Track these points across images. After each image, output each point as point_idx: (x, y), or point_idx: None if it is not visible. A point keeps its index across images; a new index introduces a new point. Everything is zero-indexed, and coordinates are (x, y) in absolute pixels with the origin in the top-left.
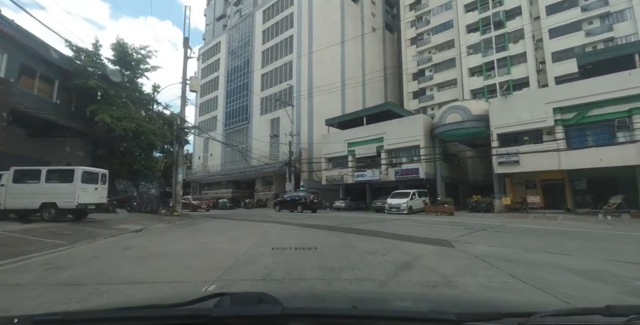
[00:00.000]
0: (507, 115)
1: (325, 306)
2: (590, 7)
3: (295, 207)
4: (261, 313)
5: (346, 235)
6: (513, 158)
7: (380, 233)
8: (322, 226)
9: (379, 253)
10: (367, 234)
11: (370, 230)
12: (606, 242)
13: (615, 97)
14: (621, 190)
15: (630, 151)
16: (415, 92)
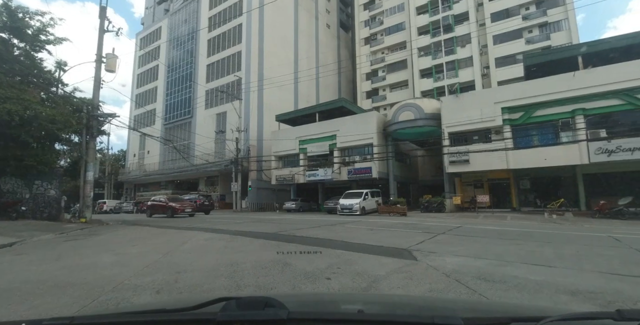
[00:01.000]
0: (458, 114)
1: (330, 311)
2: (530, 16)
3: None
4: (267, 317)
5: (285, 247)
6: (464, 157)
7: (328, 242)
8: (260, 234)
9: (322, 276)
10: (312, 243)
11: (317, 239)
12: (579, 246)
13: (560, 98)
14: (563, 189)
15: (573, 151)
16: (368, 92)
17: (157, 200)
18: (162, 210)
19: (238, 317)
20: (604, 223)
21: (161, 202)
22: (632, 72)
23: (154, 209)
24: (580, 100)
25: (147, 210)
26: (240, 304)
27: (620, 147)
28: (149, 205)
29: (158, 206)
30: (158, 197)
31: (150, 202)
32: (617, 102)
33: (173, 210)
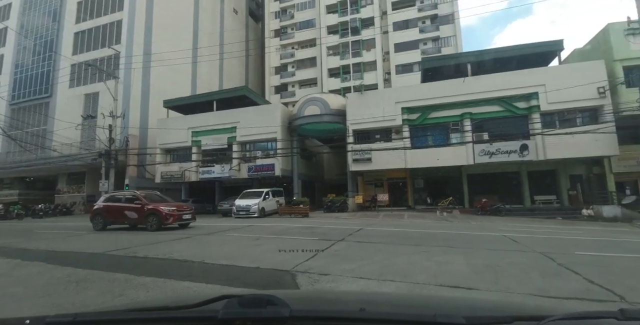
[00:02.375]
0: (363, 111)
1: (333, 308)
2: (426, 29)
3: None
4: (269, 315)
5: (76, 276)
6: (366, 155)
7: (177, 266)
8: (75, 257)
9: None
10: (154, 272)
11: (165, 260)
12: (486, 252)
13: (451, 102)
14: (451, 188)
15: (461, 152)
16: (277, 86)
17: (118, 198)
18: (128, 218)
19: (240, 315)
20: (486, 219)
21: (130, 204)
22: (509, 82)
23: (112, 214)
24: (468, 104)
25: (96, 216)
26: (243, 301)
27: (500, 150)
28: (103, 207)
29: (121, 210)
30: (119, 193)
31: (105, 201)
32: (497, 108)
33: (161, 217)
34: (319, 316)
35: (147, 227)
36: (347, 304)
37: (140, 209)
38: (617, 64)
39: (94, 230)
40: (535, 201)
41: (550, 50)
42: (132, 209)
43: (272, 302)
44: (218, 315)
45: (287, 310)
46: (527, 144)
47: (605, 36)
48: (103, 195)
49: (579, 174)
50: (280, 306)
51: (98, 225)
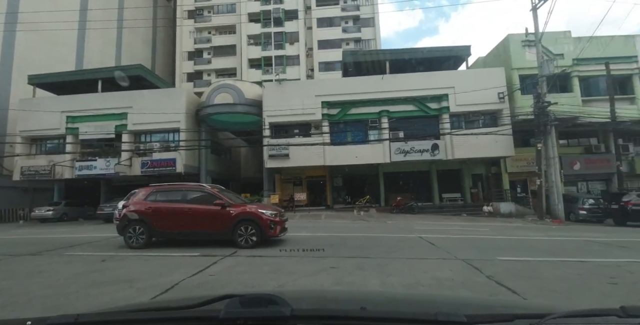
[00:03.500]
0: (281, 103)
1: (334, 308)
2: (349, 30)
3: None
4: (270, 314)
5: None
6: (284, 151)
7: None
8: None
9: None
10: None
11: None
12: (408, 264)
13: (370, 99)
14: (368, 187)
15: (378, 150)
16: (190, 74)
17: (174, 194)
18: (200, 226)
19: (241, 315)
20: (401, 218)
21: (202, 205)
22: (423, 82)
23: (168, 221)
24: (386, 102)
25: (133, 224)
26: (244, 301)
27: (414, 148)
28: (148, 208)
29: (186, 213)
30: (172, 186)
31: (150, 199)
32: (412, 108)
33: (262, 226)
34: (320, 315)
35: (238, 241)
36: (349, 303)
37: (222, 213)
38: (514, 72)
39: (129, 248)
40: (443, 199)
41: (460, 55)
42: (208, 213)
43: (274, 301)
44: (220, 315)
45: (288, 310)
46: (438, 143)
47: (505, 46)
48: (139, 189)
49: (479, 174)
50: (281, 305)
51: (138, 240)
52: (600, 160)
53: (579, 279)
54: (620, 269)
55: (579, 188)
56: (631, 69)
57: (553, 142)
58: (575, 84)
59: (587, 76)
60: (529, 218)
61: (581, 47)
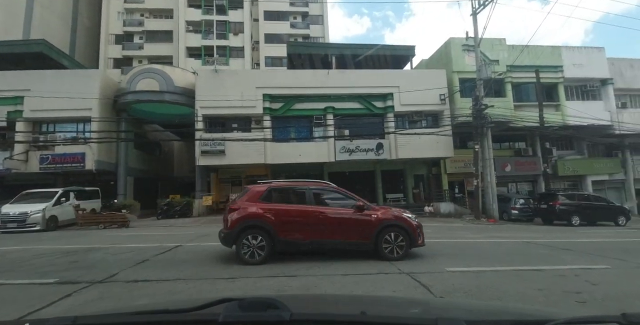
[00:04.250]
0: (217, 94)
1: (333, 312)
2: (297, 26)
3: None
4: (269, 318)
5: None
6: (219, 147)
7: None
8: None
9: None
10: None
11: None
12: (348, 278)
13: (316, 94)
14: None
15: (323, 149)
16: (118, 59)
17: (296, 194)
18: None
19: (241, 318)
20: None
21: (338, 209)
22: (369, 80)
23: (295, 228)
24: (332, 99)
25: (247, 232)
26: (243, 305)
27: (359, 147)
28: (268, 211)
29: (319, 218)
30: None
31: (268, 201)
32: (358, 106)
33: (411, 233)
34: (319, 319)
35: (383, 253)
36: (348, 307)
37: (362, 217)
38: (455, 75)
39: (242, 263)
40: (387, 199)
41: (404, 55)
42: (345, 217)
43: (273, 305)
44: (219, 318)
45: (287, 314)
46: (383, 143)
47: (446, 49)
48: (250, 186)
49: (421, 174)
50: (280, 309)
51: (257, 253)
52: (528, 163)
53: (543, 296)
54: (580, 279)
55: (509, 189)
56: (557, 77)
57: (489, 144)
58: (508, 89)
59: (519, 82)
60: (466, 218)
61: (515, 55)
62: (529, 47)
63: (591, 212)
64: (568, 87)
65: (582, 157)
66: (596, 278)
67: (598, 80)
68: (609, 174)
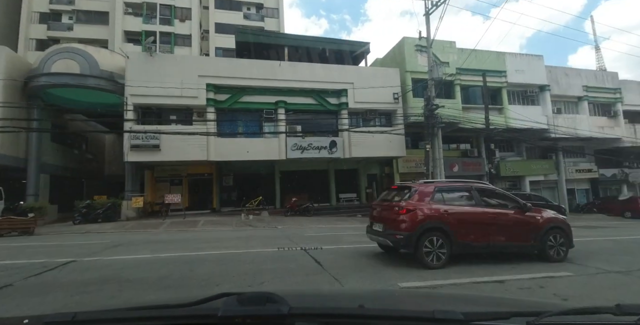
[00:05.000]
0: (152, 80)
1: (332, 306)
2: (251, 17)
3: None
4: (268, 313)
5: None
6: (152, 141)
7: None
8: None
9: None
10: None
11: None
12: None
13: (266, 87)
14: (263, 187)
15: (273, 145)
16: (42, 41)
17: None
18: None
19: (240, 313)
20: (295, 221)
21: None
22: (323, 75)
23: (475, 231)
24: (284, 92)
25: (426, 236)
26: (242, 299)
27: (312, 145)
28: (451, 213)
29: (494, 221)
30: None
31: (449, 203)
32: (311, 101)
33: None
34: (318, 313)
35: (550, 255)
36: (347, 301)
37: (530, 220)
38: (408, 74)
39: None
40: (340, 199)
41: (360, 51)
42: (515, 220)
43: (272, 299)
44: (218, 313)
45: (286, 308)
46: (336, 141)
47: (400, 48)
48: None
49: (374, 174)
50: (279, 304)
51: (439, 257)
52: (474, 164)
53: None
54: (547, 292)
55: None
56: (501, 82)
57: (439, 144)
58: (457, 91)
59: (467, 85)
60: None
61: (464, 58)
62: (477, 51)
63: None
64: (511, 92)
65: (521, 159)
66: (564, 291)
67: (537, 87)
68: (544, 174)
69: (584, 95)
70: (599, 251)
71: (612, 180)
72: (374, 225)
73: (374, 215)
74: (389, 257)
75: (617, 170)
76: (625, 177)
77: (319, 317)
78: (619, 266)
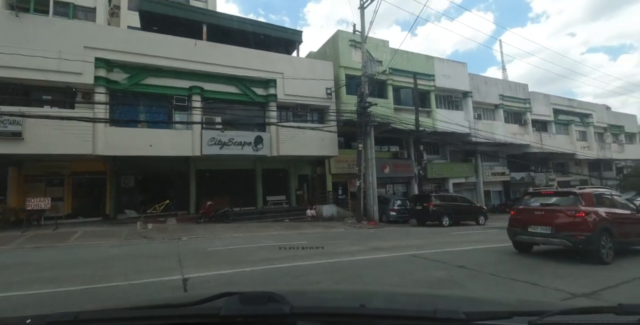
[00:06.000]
0: (16, 47)
1: (333, 305)
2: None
3: None
4: (270, 312)
5: None
6: (11, 127)
7: None
8: None
9: None
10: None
11: None
12: None
13: (178, 68)
14: (175, 189)
15: (186, 139)
16: None
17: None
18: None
19: (241, 312)
20: (207, 230)
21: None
22: (249, 61)
23: (623, 229)
24: (200, 77)
25: (600, 233)
26: (243, 298)
27: (233, 140)
28: (612, 215)
29: (633, 221)
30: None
31: (599, 206)
32: (234, 90)
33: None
34: (319, 312)
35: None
36: (348, 300)
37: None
38: (342, 70)
39: (602, 263)
40: (267, 202)
41: (291, 40)
42: (637, 220)
43: (273, 299)
44: (220, 312)
45: (287, 307)
46: (263, 136)
47: (334, 42)
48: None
49: (305, 174)
50: (281, 303)
51: (609, 254)
52: (404, 165)
53: None
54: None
55: (387, 190)
56: (430, 85)
57: (372, 144)
58: (389, 91)
59: (399, 86)
60: (348, 221)
61: (396, 59)
62: (408, 53)
63: (458, 213)
64: (438, 96)
65: (445, 162)
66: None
67: (461, 92)
68: (465, 177)
69: (500, 104)
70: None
71: (521, 183)
72: (531, 227)
73: (530, 219)
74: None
75: (525, 174)
76: (532, 180)
77: (321, 317)
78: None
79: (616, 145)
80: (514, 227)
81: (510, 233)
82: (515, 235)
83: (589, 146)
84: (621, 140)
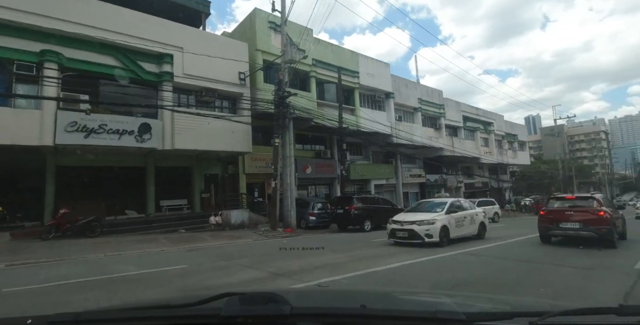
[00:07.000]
0: None
1: (333, 306)
2: None
3: None
4: (270, 312)
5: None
6: None
7: None
8: None
9: None
10: None
11: None
12: None
13: (23, 23)
14: (27, 191)
15: (34, 120)
16: None
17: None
18: None
19: (242, 312)
20: (54, 251)
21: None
22: (139, 27)
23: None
24: (60, 40)
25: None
26: (244, 299)
27: (107, 127)
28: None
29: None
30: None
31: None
32: (113, 62)
33: None
34: (320, 313)
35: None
36: (349, 301)
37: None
38: (259, 53)
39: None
40: (162, 208)
41: (196, 9)
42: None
43: (273, 299)
44: (220, 312)
45: (288, 308)
46: (151, 124)
47: (251, 22)
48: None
49: (215, 174)
50: (281, 303)
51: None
52: (327, 165)
53: None
54: None
55: (309, 192)
56: (354, 82)
57: (290, 139)
58: (313, 83)
59: (322, 80)
60: (262, 228)
61: (320, 50)
62: (334, 46)
63: (380, 216)
64: (362, 95)
65: (368, 163)
66: None
67: (384, 93)
68: (386, 178)
69: (419, 107)
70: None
71: (435, 184)
72: (562, 224)
73: (561, 217)
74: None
75: (438, 176)
76: (444, 181)
77: (321, 317)
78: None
79: (511, 151)
80: (546, 223)
81: (542, 228)
82: (548, 230)
83: (490, 152)
84: (515, 148)
